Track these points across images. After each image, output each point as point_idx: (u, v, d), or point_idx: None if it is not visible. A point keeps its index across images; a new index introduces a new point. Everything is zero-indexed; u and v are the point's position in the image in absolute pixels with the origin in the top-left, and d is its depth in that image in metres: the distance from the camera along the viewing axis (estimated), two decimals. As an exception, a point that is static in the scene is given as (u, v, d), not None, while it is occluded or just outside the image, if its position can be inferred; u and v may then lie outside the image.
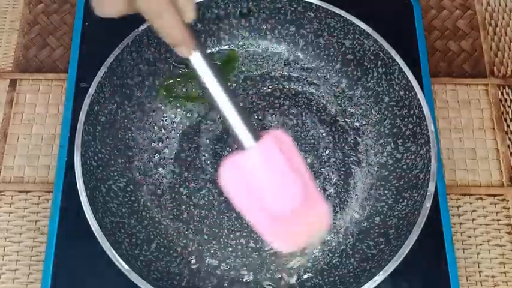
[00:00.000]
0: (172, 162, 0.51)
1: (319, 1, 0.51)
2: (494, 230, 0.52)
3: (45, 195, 0.52)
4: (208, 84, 0.36)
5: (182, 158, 0.52)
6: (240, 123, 0.37)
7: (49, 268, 0.47)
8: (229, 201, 0.49)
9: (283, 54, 0.56)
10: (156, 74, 0.53)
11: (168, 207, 0.50)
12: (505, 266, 0.51)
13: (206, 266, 0.47)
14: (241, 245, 0.48)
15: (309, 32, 0.54)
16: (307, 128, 0.53)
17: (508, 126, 0.56)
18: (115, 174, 0.49)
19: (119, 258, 0.42)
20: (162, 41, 0.52)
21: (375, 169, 0.51)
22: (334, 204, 0.50)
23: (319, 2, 0.51)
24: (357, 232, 0.49)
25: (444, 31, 0.61)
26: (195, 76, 0.56)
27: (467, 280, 0.50)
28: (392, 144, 0.51)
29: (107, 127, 0.49)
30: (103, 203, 0.46)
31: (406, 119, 0.50)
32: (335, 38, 0.53)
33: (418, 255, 0.43)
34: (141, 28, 0.49)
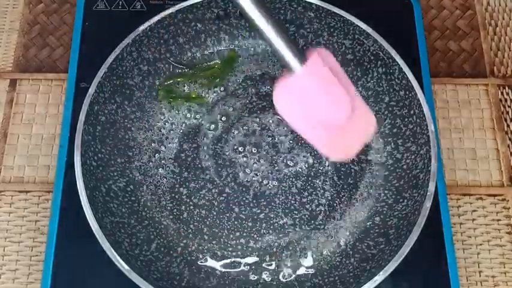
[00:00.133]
0: (172, 162, 0.51)
1: (319, 1, 0.51)
2: (494, 230, 0.52)
3: (45, 195, 0.52)
4: (249, 10, 0.37)
5: (182, 158, 0.52)
6: (286, 46, 0.38)
7: (49, 268, 0.47)
8: (229, 201, 0.50)
9: (283, 54, 0.56)
10: (156, 74, 0.53)
11: (168, 207, 0.50)
12: (505, 266, 0.51)
13: (206, 266, 0.47)
14: (241, 245, 0.48)
15: (309, 32, 0.54)
16: (307, 128, 0.53)
17: (508, 126, 0.56)
18: (115, 174, 0.49)
19: (118, 258, 0.42)
20: (162, 41, 0.52)
21: (375, 169, 0.51)
22: (334, 204, 0.50)
23: (319, 2, 0.51)
24: (357, 232, 0.49)
25: (444, 31, 0.61)
26: (195, 76, 0.56)
27: (467, 280, 0.50)
28: (392, 144, 0.51)
29: (107, 127, 0.49)
30: (103, 203, 0.46)
31: (406, 119, 0.50)
32: (335, 38, 0.53)
33: (418, 255, 0.43)
34: (141, 28, 0.49)
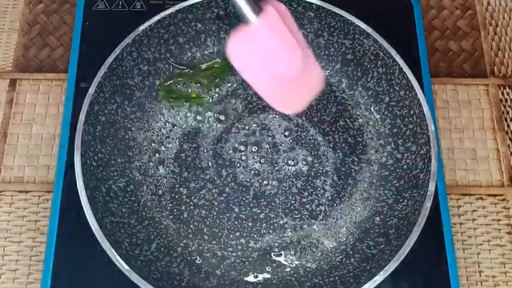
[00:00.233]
0: (172, 162, 0.51)
1: (319, 1, 0.51)
2: (495, 230, 0.52)
3: (45, 195, 0.52)
4: None
5: (182, 158, 0.52)
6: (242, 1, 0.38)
7: (49, 268, 0.47)
8: (229, 201, 0.50)
9: (283, 54, 0.56)
10: (156, 74, 0.53)
11: (168, 207, 0.50)
12: (506, 266, 0.51)
13: (206, 266, 0.47)
14: (241, 245, 0.48)
15: (309, 32, 0.54)
16: (307, 128, 0.53)
17: (508, 126, 0.56)
18: (115, 174, 0.49)
19: (118, 258, 0.41)
20: (162, 41, 0.52)
21: (375, 169, 0.51)
22: (334, 204, 0.50)
23: (319, 2, 0.51)
24: (357, 232, 0.49)
25: (444, 31, 0.61)
26: (195, 76, 0.56)
27: (467, 280, 0.50)
28: (392, 144, 0.51)
29: (107, 127, 0.49)
30: (103, 203, 0.46)
31: (406, 119, 0.50)
32: (335, 38, 0.53)
33: (418, 255, 0.43)
34: (141, 28, 0.49)
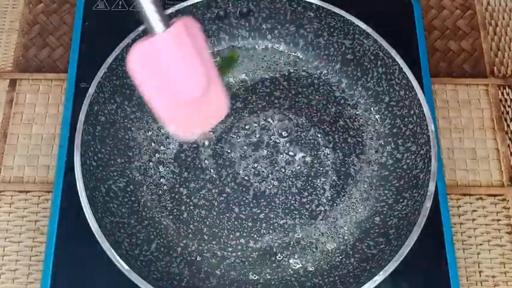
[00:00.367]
0: (172, 162, 0.51)
1: (319, 1, 0.51)
2: (495, 230, 0.52)
3: (45, 195, 0.52)
4: None
5: (182, 158, 0.52)
6: (150, 6, 0.36)
7: (49, 268, 0.47)
8: (229, 201, 0.50)
9: (283, 54, 0.56)
10: (156, 74, 0.53)
11: (168, 207, 0.50)
12: (505, 266, 0.51)
13: (206, 266, 0.47)
14: (241, 245, 0.48)
15: (309, 32, 0.54)
16: (307, 128, 0.53)
17: (508, 126, 0.56)
18: (115, 174, 0.49)
19: (118, 258, 0.41)
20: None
21: (375, 169, 0.51)
22: (335, 204, 0.50)
23: (319, 2, 0.51)
24: (357, 232, 0.49)
25: (444, 31, 0.61)
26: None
27: (467, 280, 0.50)
28: (392, 144, 0.51)
29: (107, 127, 0.49)
30: (103, 203, 0.46)
31: (406, 119, 0.50)
32: (335, 38, 0.53)
33: (418, 255, 0.43)
34: (141, 28, 0.49)
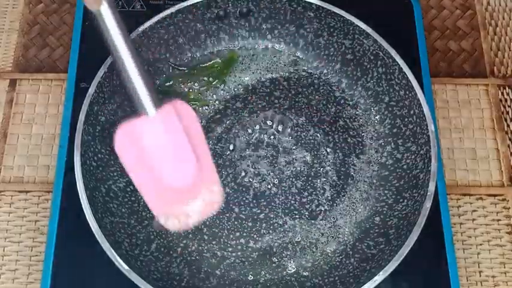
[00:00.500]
0: (172, 162, 0.51)
1: (319, 1, 0.51)
2: (495, 230, 0.52)
3: (45, 195, 0.52)
4: (112, 40, 0.34)
5: (182, 158, 0.52)
6: (142, 87, 0.35)
7: (49, 268, 0.47)
8: (229, 201, 0.50)
9: (283, 54, 0.56)
10: (156, 74, 0.53)
11: (168, 207, 0.50)
12: (505, 266, 0.51)
13: (206, 266, 0.47)
14: (241, 245, 0.48)
15: (309, 32, 0.54)
16: (307, 128, 0.53)
17: (508, 126, 0.56)
18: (115, 174, 0.49)
19: (118, 258, 0.41)
20: (161, 41, 0.52)
21: (375, 169, 0.51)
22: (334, 204, 0.50)
23: (319, 2, 0.51)
24: (357, 232, 0.49)
25: (444, 31, 0.61)
26: (195, 76, 0.56)
27: (467, 280, 0.50)
28: (392, 144, 0.51)
29: (107, 127, 0.49)
30: (103, 203, 0.46)
31: (406, 119, 0.50)
32: (335, 38, 0.53)
33: (418, 255, 0.43)
34: (141, 28, 0.49)
